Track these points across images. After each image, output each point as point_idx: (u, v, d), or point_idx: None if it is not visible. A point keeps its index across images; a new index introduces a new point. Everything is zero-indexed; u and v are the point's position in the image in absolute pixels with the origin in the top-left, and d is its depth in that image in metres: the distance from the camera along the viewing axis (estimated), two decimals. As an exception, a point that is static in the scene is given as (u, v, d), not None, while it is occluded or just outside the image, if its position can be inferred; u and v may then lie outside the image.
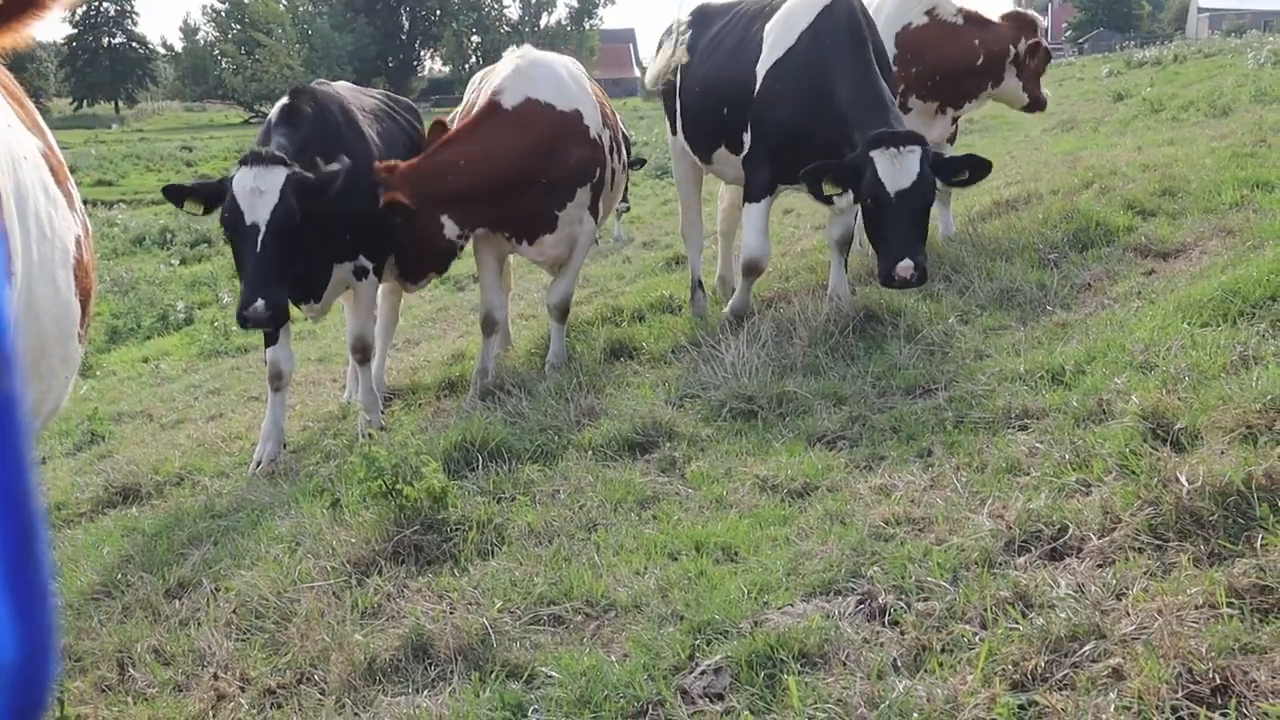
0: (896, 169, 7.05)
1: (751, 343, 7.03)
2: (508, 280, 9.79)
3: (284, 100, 7.79)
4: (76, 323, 3.45)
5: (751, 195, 8.20)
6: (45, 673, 0.88)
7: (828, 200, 7.59)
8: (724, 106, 8.42)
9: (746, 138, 8.22)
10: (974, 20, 10.02)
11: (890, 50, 9.77)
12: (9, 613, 0.84)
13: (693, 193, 9.75)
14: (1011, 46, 9.94)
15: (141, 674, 4.32)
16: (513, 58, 8.16)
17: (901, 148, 7.06)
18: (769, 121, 7.97)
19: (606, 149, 8.14)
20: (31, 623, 0.85)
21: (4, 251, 0.90)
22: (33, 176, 3.12)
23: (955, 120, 10.22)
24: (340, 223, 7.53)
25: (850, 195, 7.39)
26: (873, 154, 7.08)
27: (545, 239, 8.00)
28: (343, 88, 8.54)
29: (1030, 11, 10.34)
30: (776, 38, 8.03)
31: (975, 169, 7.40)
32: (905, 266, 6.93)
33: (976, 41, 9.86)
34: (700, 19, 9.20)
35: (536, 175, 7.61)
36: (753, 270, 8.20)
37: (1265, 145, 10.94)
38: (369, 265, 7.92)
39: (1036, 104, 10.49)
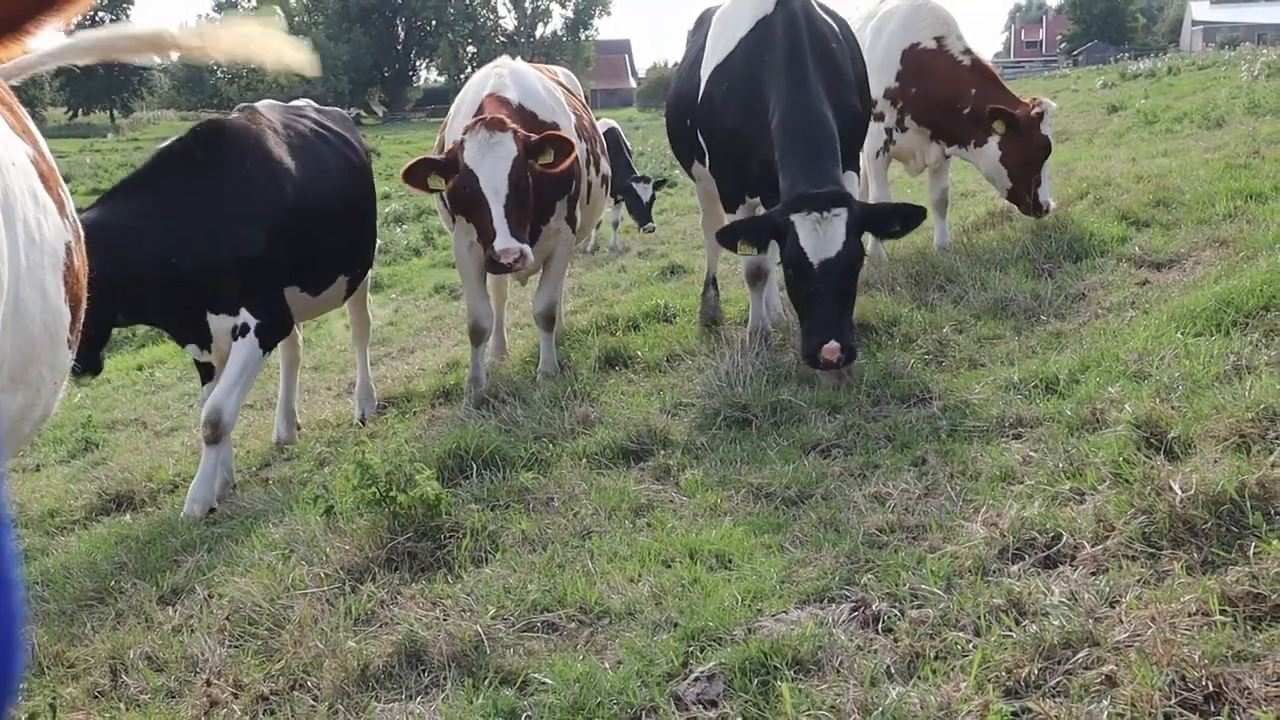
0: (820, 236, 6.39)
1: (746, 351, 7.02)
2: (503, 289, 9.78)
3: (174, 141, 7.20)
4: (66, 329, 3.43)
5: (727, 204, 7.85)
6: (12, 667, 0.88)
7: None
8: (686, 117, 8.14)
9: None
10: (980, 69, 9.80)
11: (895, 66, 9.72)
12: None
13: (709, 199, 9.13)
14: (1014, 111, 9.45)
15: (134, 680, 4.31)
16: (492, 69, 8.13)
17: (825, 212, 6.38)
18: (711, 130, 7.62)
19: (583, 162, 8.11)
20: None
21: None
22: (20, 182, 3.10)
23: (947, 155, 10.08)
24: (211, 271, 6.77)
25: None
26: (793, 218, 6.44)
27: None
28: (268, 109, 7.92)
29: (1046, 102, 9.71)
30: (715, 41, 7.64)
31: (906, 219, 6.78)
32: (831, 349, 6.27)
33: (973, 90, 9.60)
34: (698, 23, 8.94)
35: None
36: (756, 276, 7.66)
37: (1259, 157, 10.97)
38: (251, 324, 6.91)
39: (1022, 200, 9.60)
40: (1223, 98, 18.98)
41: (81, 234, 3.73)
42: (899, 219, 6.77)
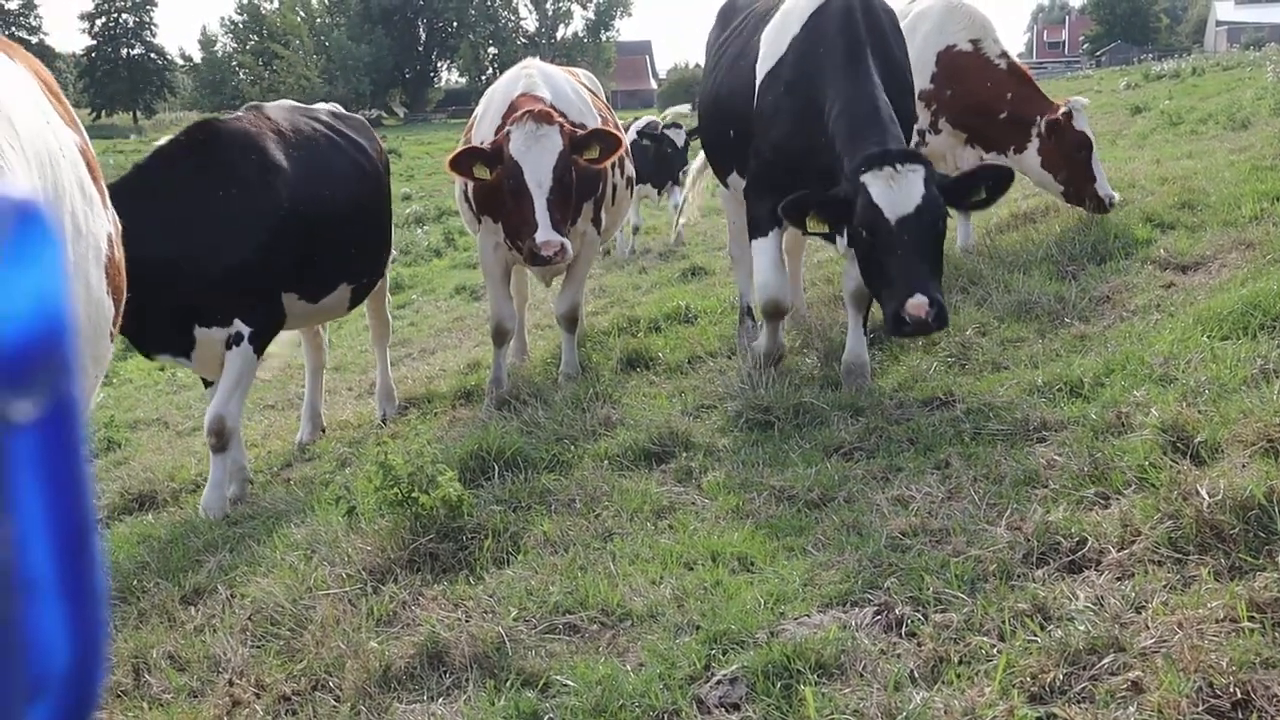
0: (895, 192, 5.84)
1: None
2: (524, 290, 9.78)
3: (168, 140, 7.12)
4: (109, 321, 3.44)
5: (756, 229, 7.08)
6: (96, 677, 0.88)
7: (830, 237, 6.53)
8: (729, 126, 7.51)
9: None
10: (1016, 72, 9.71)
11: (930, 68, 9.51)
12: (63, 617, 0.84)
13: (740, 210, 8.08)
14: (1039, 117, 9.40)
15: (157, 679, 4.33)
16: (521, 70, 8.11)
17: (899, 166, 5.87)
18: (762, 142, 6.98)
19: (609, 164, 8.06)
20: (85, 627, 0.85)
21: (63, 254, 0.90)
22: (70, 174, 3.11)
23: (984, 160, 9.68)
24: (198, 279, 6.54)
25: (842, 239, 6.28)
26: (864, 178, 5.90)
27: None
28: (277, 111, 7.72)
29: (1074, 100, 9.57)
30: (770, 43, 7.00)
31: (995, 184, 6.19)
32: (918, 304, 5.64)
33: (1009, 94, 9.52)
34: (722, 18, 8.49)
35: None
36: (775, 312, 7.02)
37: (1285, 158, 10.89)
38: (245, 332, 6.77)
39: (1080, 199, 9.44)
40: (1248, 99, 18.85)
41: (120, 226, 3.74)
42: (985, 184, 6.16)
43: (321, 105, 8.68)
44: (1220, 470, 4.02)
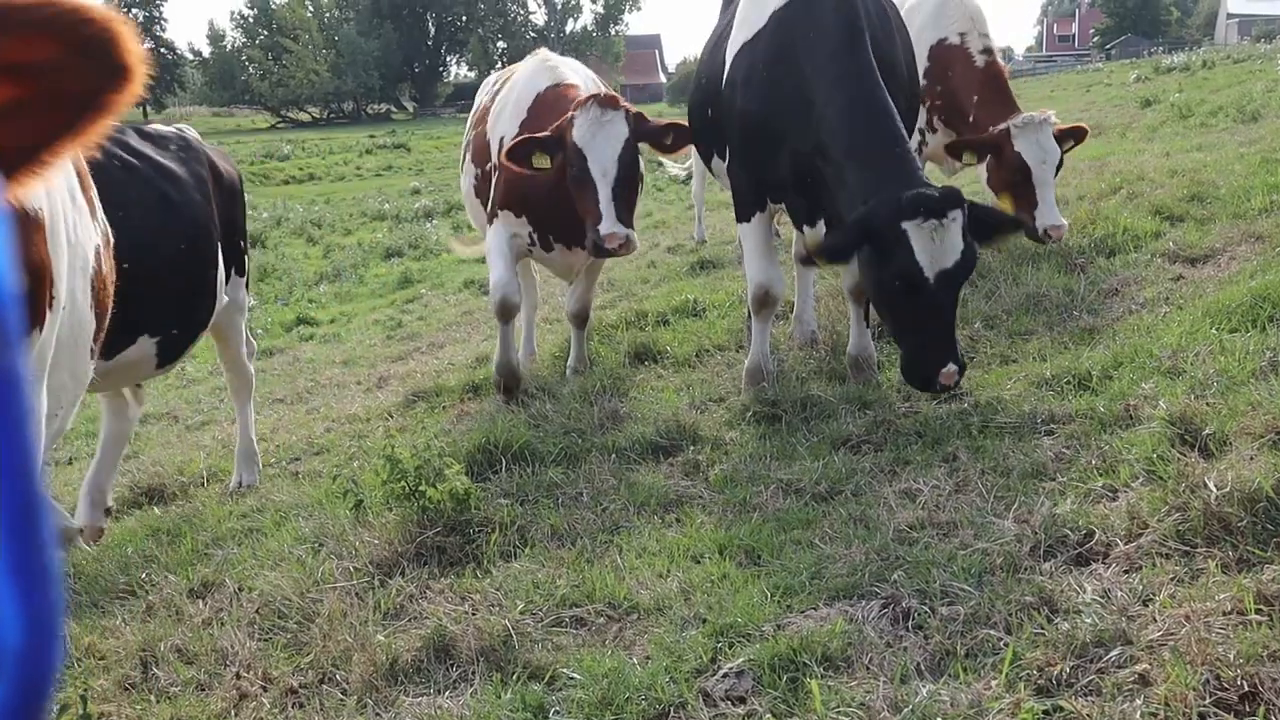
0: (938, 245, 5.45)
1: (775, 348, 6.98)
2: (533, 295, 9.69)
3: None
4: (90, 338, 3.36)
5: (740, 213, 6.79)
6: (50, 656, 0.87)
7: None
8: (708, 106, 7.08)
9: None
10: (990, 74, 8.91)
11: (924, 64, 8.66)
12: (13, 595, 0.83)
13: None
14: (992, 128, 8.46)
15: (164, 672, 4.33)
16: (541, 63, 7.91)
17: (943, 219, 5.45)
18: (732, 116, 6.57)
19: None
20: (36, 605, 0.84)
21: (9, 230, 0.88)
22: (59, 181, 3.03)
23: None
24: None
25: (811, 229, 6.04)
26: (906, 226, 5.46)
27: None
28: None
29: (1032, 115, 8.43)
30: (745, 16, 6.57)
31: (1010, 230, 6.01)
32: (949, 375, 5.54)
33: (975, 97, 8.82)
34: (724, 6, 8.17)
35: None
36: (763, 302, 6.62)
37: (1295, 151, 10.85)
38: None
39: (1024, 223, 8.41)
40: (1258, 91, 18.79)
41: (110, 239, 3.68)
42: (1007, 229, 5.96)
43: (164, 126, 7.29)
44: (1228, 463, 4.01)
